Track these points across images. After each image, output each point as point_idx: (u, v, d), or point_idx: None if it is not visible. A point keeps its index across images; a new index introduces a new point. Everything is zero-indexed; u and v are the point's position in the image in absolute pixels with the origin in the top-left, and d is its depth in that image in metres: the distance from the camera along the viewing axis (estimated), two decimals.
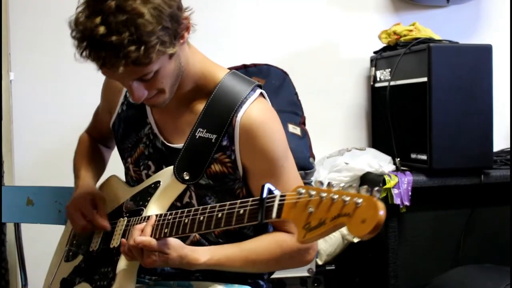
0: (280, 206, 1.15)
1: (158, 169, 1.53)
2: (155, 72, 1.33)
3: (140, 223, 1.44)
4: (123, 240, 1.44)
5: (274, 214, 1.15)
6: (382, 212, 1.00)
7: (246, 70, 2.70)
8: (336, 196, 1.06)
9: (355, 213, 1.02)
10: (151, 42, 1.25)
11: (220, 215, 1.27)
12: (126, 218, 1.53)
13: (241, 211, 1.23)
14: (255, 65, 2.74)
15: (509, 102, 2.93)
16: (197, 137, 1.45)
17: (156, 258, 1.37)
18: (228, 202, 1.27)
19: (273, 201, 1.16)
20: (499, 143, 2.85)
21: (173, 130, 1.51)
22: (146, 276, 1.57)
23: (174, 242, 1.39)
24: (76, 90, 2.71)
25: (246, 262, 1.46)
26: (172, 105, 1.47)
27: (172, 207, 1.48)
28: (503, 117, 2.93)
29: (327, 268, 2.61)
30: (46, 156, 2.72)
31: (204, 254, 1.42)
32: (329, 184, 1.10)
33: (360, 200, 1.03)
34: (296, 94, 2.77)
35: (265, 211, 1.17)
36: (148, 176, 1.55)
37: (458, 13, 3.07)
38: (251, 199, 1.23)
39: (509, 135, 2.97)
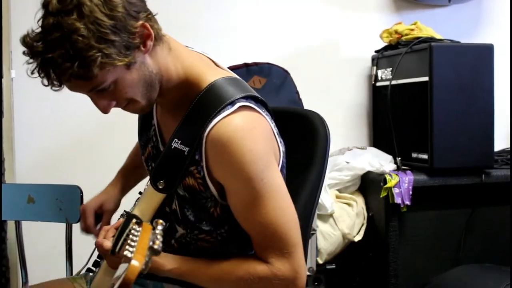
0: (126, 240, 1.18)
1: None
2: (113, 83, 1.29)
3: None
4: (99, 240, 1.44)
5: (118, 248, 1.21)
6: (128, 276, 1.02)
7: (248, 69, 2.70)
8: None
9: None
10: (90, 57, 1.22)
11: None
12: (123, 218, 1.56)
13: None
14: (256, 64, 2.74)
15: (510, 101, 2.93)
16: (172, 147, 1.38)
17: (116, 260, 1.34)
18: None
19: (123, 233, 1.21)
20: (500, 143, 2.85)
21: (168, 135, 1.47)
22: None
23: None
24: None
25: (211, 281, 1.40)
26: (170, 107, 1.45)
27: (161, 213, 1.45)
28: (504, 117, 2.93)
29: (328, 267, 2.61)
30: (47, 154, 2.72)
31: (171, 262, 1.39)
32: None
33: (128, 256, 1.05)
34: (297, 93, 2.77)
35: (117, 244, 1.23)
36: None
37: (460, 12, 3.07)
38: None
39: (509, 134, 2.97)
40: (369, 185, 2.63)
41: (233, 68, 2.65)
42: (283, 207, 1.35)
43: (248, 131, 1.32)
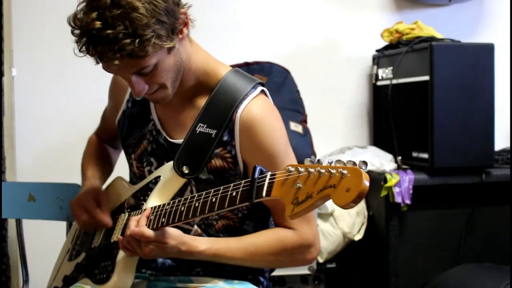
0: (270, 184, 1.18)
1: (160, 165, 1.54)
2: (154, 66, 1.35)
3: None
4: (120, 236, 1.45)
5: (264, 193, 1.18)
6: (366, 182, 1.04)
7: (248, 68, 2.71)
8: (323, 170, 1.09)
9: (340, 184, 1.06)
10: (146, 35, 1.28)
11: (214, 199, 1.29)
12: (127, 213, 1.55)
13: (234, 193, 1.26)
14: (257, 63, 2.74)
15: (510, 101, 2.93)
16: (197, 132, 1.46)
17: (154, 247, 1.38)
18: (222, 187, 1.30)
19: (264, 180, 1.19)
20: (501, 142, 2.85)
21: (176, 126, 1.53)
22: (147, 271, 1.58)
23: (172, 231, 1.40)
24: (78, 86, 2.71)
25: (245, 254, 1.47)
26: (175, 101, 1.49)
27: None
28: (505, 116, 2.93)
29: (328, 266, 2.62)
30: (48, 152, 2.72)
31: (203, 243, 1.44)
32: (318, 161, 1.13)
33: (345, 171, 1.06)
34: (298, 92, 2.77)
35: (256, 190, 1.20)
36: (150, 172, 1.57)
37: (461, 11, 3.06)
38: (243, 181, 1.26)
39: (509, 134, 2.97)
40: (369, 184, 2.62)
41: (234, 67, 2.65)
42: None
43: (274, 111, 1.51)
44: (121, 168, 1.81)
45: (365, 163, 1.07)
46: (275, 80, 2.71)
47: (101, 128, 1.85)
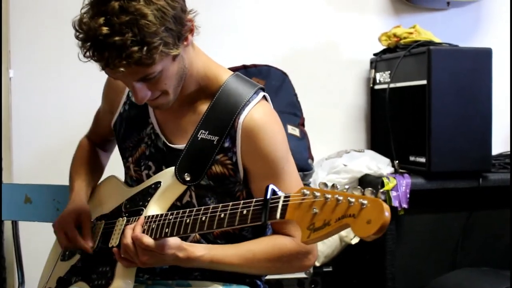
0: (284, 207, 1.16)
1: (158, 169, 1.53)
2: (158, 73, 1.34)
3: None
4: (115, 249, 1.43)
5: (278, 215, 1.16)
6: (387, 214, 1.02)
7: (246, 71, 2.70)
8: (341, 198, 1.07)
9: (360, 214, 1.04)
10: (154, 43, 1.26)
11: (222, 215, 1.27)
12: (125, 217, 1.53)
13: (244, 212, 1.23)
14: (255, 66, 2.74)
15: (508, 106, 2.93)
16: (199, 138, 1.45)
17: (151, 256, 1.36)
18: (231, 203, 1.27)
19: (277, 202, 1.17)
20: (498, 147, 2.85)
21: (175, 131, 1.52)
22: (145, 275, 1.57)
23: (171, 240, 1.38)
24: (75, 87, 2.71)
25: (243, 261, 1.45)
26: (174, 105, 1.48)
27: (172, 206, 1.48)
28: (502, 121, 2.93)
29: (325, 269, 2.61)
30: (45, 153, 2.72)
31: (200, 249, 1.43)
32: (333, 186, 1.12)
33: (365, 201, 1.04)
34: (295, 95, 2.77)
35: (269, 212, 1.18)
36: (148, 176, 1.55)
37: (458, 16, 3.07)
38: (254, 199, 1.23)
39: (507, 138, 2.97)
40: (366, 188, 2.62)
41: (231, 70, 2.65)
42: (299, 180, 1.53)
43: (275, 117, 1.50)
44: (113, 169, 1.79)
45: (384, 193, 1.06)
46: (273, 83, 2.71)
47: (93, 131, 1.83)
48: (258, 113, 1.45)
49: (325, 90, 2.96)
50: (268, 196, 1.19)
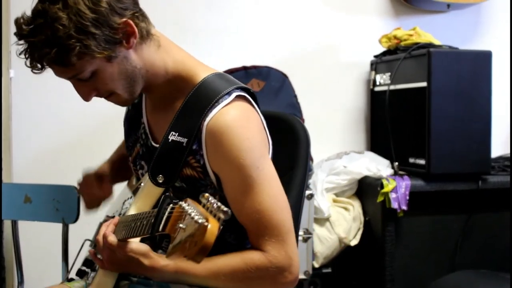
0: (168, 219, 1.15)
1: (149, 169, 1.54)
2: (92, 74, 1.36)
3: None
4: (91, 249, 1.47)
5: (161, 227, 1.16)
6: (207, 239, 0.99)
7: (246, 72, 2.71)
8: (198, 217, 1.03)
9: (196, 235, 1.01)
10: (69, 45, 1.29)
11: (139, 223, 1.29)
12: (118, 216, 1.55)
13: (144, 222, 1.25)
14: (255, 67, 2.74)
15: (508, 108, 2.93)
16: (170, 140, 1.41)
17: (111, 255, 1.37)
18: (151, 210, 1.28)
19: (164, 213, 1.17)
20: (497, 149, 2.86)
21: (159, 130, 1.50)
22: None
23: (138, 245, 1.37)
24: None
25: (209, 274, 1.39)
26: (159, 104, 1.49)
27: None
28: (502, 123, 2.94)
29: (324, 271, 2.62)
30: (45, 153, 2.72)
31: (166, 259, 1.38)
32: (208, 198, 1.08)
33: (199, 223, 1.01)
34: (295, 96, 2.77)
35: (157, 223, 1.18)
36: (143, 175, 1.56)
37: (459, 18, 3.07)
38: (152, 210, 1.25)
39: (507, 141, 2.97)
40: (366, 189, 2.63)
41: (231, 71, 2.66)
42: (278, 194, 1.40)
43: (245, 121, 1.39)
44: None
45: (225, 212, 1.03)
46: (273, 84, 2.72)
47: None
48: (225, 115, 1.36)
49: (325, 92, 2.96)
50: (163, 206, 1.19)
